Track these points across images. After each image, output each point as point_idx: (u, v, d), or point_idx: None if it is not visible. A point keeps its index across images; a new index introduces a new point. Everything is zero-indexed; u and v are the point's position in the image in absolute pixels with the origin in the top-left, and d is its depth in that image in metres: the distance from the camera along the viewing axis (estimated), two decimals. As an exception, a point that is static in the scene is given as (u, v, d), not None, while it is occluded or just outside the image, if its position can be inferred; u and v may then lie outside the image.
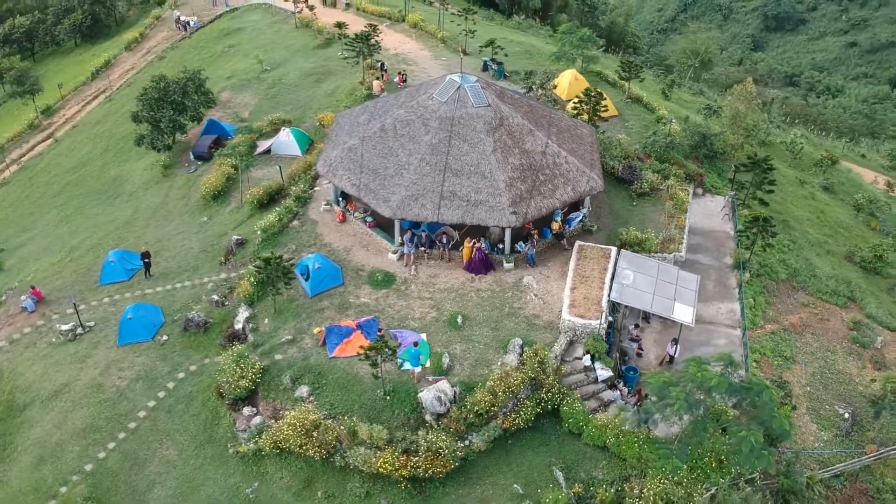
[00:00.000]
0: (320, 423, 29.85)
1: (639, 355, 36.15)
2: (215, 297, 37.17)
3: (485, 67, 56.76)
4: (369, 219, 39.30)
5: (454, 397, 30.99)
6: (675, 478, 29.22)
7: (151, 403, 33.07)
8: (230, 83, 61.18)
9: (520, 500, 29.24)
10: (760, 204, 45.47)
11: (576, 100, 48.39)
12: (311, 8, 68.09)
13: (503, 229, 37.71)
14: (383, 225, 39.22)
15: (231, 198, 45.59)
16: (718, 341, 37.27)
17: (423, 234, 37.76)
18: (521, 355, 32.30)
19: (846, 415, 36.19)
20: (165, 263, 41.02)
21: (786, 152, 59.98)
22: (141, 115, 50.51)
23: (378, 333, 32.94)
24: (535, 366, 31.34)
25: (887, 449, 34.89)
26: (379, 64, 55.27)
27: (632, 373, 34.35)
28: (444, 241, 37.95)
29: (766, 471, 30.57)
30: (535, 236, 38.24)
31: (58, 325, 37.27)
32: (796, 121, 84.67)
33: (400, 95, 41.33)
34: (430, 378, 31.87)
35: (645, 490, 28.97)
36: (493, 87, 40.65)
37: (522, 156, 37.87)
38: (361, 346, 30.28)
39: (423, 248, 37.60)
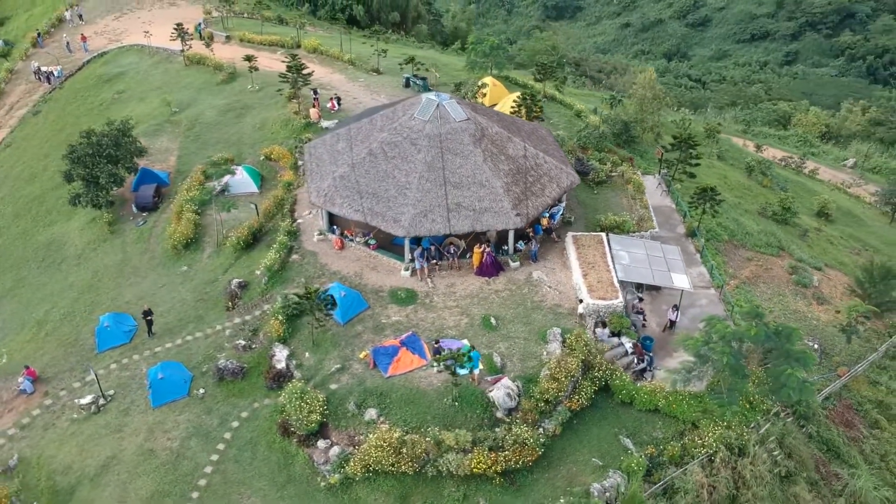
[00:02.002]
0: (405, 438, 31.00)
1: (643, 325, 39.84)
2: (241, 342, 36.88)
3: (407, 83, 58.71)
4: (372, 241, 40.37)
5: (519, 391, 33.15)
6: (725, 423, 33.16)
7: (214, 457, 32.60)
8: (140, 130, 58.69)
9: (602, 470, 31.92)
10: (689, 177, 50.84)
11: (513, 104, 51.65)
12: (208, 45, 66.75)
13: (499, 232, 40.17)
14: (385, 245, 40.47)
15: (204, 243, 44.74)
16: (701, 301, 41.77)
17: (433, 247, 39.42)
18: (563, 343, 34.96)
19: (815, 346, 41.76)
20: (163, 318, 39.84)
21: (676, 129, 66.44)
22: (75, 174, 48.06)
23: (435, 345, 34.39)
24: (584, 348, 34.14)
25: (855, 368, 40.89)
26: (312, 91, 55.72)
27: (648, 342, 37.94)
28: (452, 251, 39.83)
29: (784, 403, 35.24)
30: (532, 233, 41.01)
31: (76, 400, 35.54)
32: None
33: (374, 119, 42.59)
34: (489, 378, 33.81)
35: (705, 439, 32.65)
36: (464, 102, 42.99)
37: (509, 161, 40.52)
38: (437, 358, 31.73)
39: (434, 261, 39.26)
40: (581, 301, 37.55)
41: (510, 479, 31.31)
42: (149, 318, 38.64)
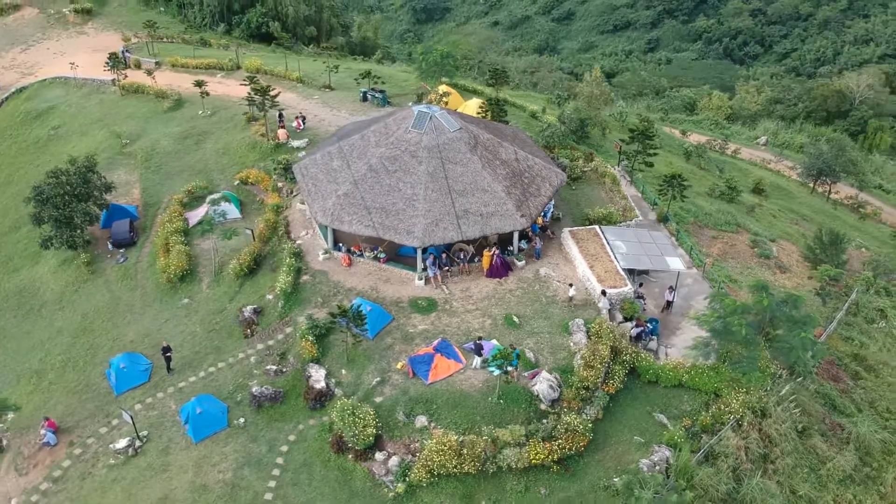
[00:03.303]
0: (464, 439, 32.16)
1: (643, 310, 42.33)
2: (272, 367, 36.98)
3: (364, 97, 59.42)
4: (382, 255, 41.14)
5: (559, 382, 34.89)
6: (745, 389, 35.98)
7: (272, 484, 32.71)
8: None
9: (645, 447, 34.07)
10: (648, 167, 54.05)
11: (479, 109, 53.38)
12: (150, 72, 65.09)
13: (500, 234, 41.81)
14: (392, 257, 41.33)
15: (200, 274, 44.22)
16: (687, 281, 44.68)
17: (444, 255, 40.61)
18: (587, 333, 36.95)
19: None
20: (177, 353, 39.15)
21: (614, 122, 69.95)
22: (45, 215, 46.31)
23: (478, 341, 35.60)
24: (610, 335, 36.23)
25: (829, 327, 44.83)
26: (277, 113, 55.54)
27: (654, 323, 40.41)
28: (462, 256, 41.14)
29: (786, 365, 38.48)
30: (531, 233, 42.84)
31: (110, 446, 34.74)
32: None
33: (367, 135, 43.23)
34: (527, 374, 35.39)
35: (731, 405, 35.34)
36: (454, 112, 44.34)
37: (504, 166, 42.20)
38: (487, 360, 33.01)
39: (445, 268, 40.46)
40: (571, 285, 39.64)
41: (564, 465, 32.98)
42: (168, 354, 38.07)
